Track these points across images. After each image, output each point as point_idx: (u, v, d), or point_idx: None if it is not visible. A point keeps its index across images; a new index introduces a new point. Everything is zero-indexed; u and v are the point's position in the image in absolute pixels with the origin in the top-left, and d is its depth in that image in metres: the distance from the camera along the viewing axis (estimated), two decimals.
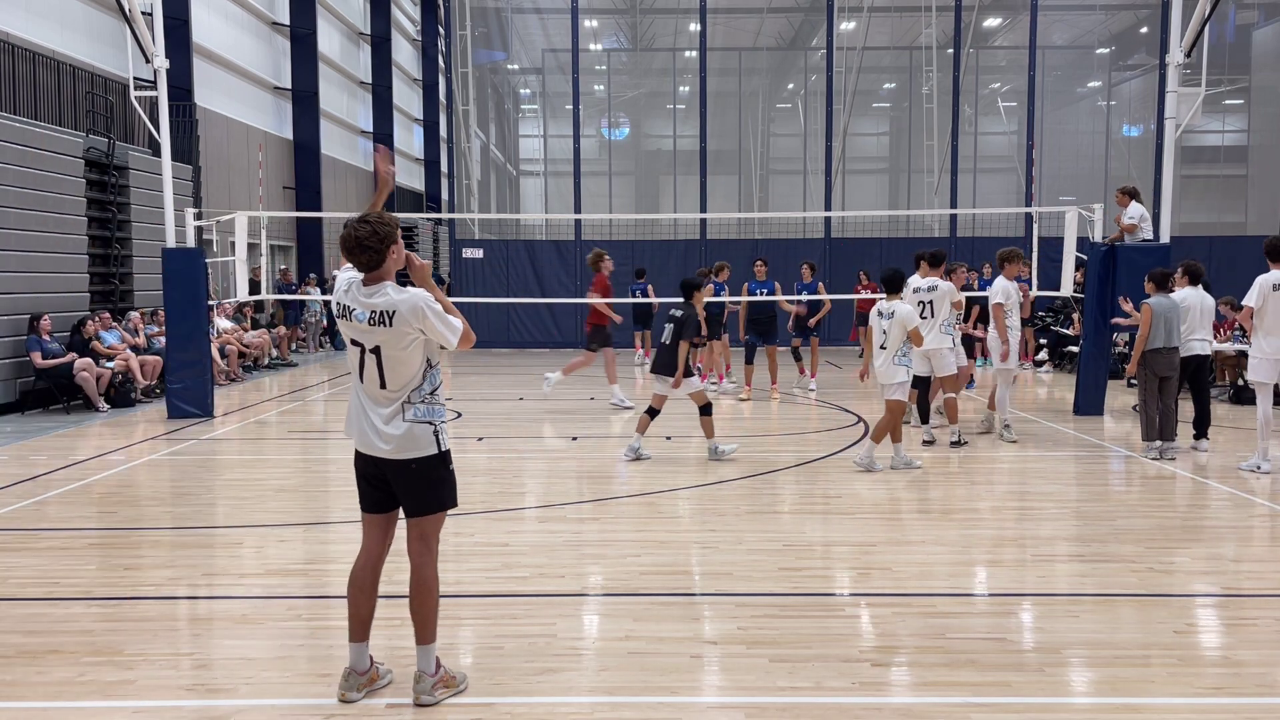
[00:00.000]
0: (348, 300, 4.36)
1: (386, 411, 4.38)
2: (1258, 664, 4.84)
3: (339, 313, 4.39)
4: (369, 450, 4.42)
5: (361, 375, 4.40)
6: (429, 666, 4.44)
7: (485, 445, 10.98)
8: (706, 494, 8.59)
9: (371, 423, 4.38)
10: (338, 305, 4.39)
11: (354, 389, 4.48)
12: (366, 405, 4.40)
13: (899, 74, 28.22)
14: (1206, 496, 8.49)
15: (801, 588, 6.01)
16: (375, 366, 4.34)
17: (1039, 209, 15.88)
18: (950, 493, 8.59)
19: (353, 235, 4.24)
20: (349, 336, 4.39)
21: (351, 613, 4.51)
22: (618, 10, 28.35)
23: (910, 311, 9.15)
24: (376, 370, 4.35)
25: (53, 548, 7.00)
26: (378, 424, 4.37)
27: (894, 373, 9.19)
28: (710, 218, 23.25)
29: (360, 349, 4.36)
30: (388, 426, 4.36)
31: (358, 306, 4.32)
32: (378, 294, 4.32)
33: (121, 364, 14.08)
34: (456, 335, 4.43)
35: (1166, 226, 12.51)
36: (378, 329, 4.30)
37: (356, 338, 4.36)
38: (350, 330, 4.36)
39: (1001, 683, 4.63)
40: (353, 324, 4.34)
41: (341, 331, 4.43)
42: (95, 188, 15.69)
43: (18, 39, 15.64)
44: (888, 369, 9.22)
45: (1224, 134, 27.39)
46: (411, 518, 4.54)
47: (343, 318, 4.38)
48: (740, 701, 4.44)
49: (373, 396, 4.39)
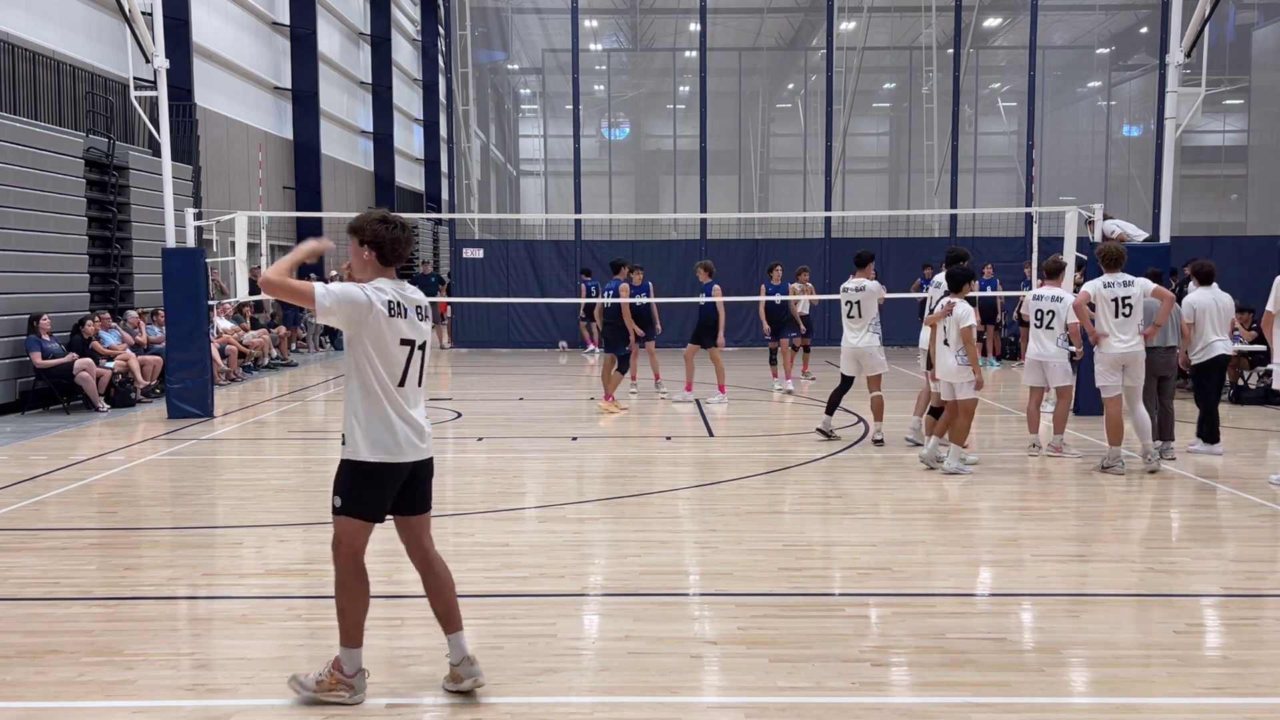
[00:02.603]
0: (397, 298, 4.30)
1: (423, 410, 4.42)
2: (1258, 664, 4.84)
3: (393, 312, 4.27)
4: (415, 456, 4.35)
5: (405, 377, 4.32)
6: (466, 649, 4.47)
7: (485, 445, 10.98)
8: (706, 494, 8.59)
9: (416, 426, 4.34)
10: (389, 304, 4.26)
11: (384, 399, 4.28)
12: (407, 409, 4.32)
13: (899, 74, 28.22)
14: (1206, 496, 8.48)
15: (801, 588, 6.01)
16: (419, 364, 4.37)
17: (1039, 209, 15.89)
18: (950, 493, 8.59)
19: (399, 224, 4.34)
20: (401, 337, 4.29)
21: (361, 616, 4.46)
22: (618, 10, 28.35)
23: (967, 310, 9.05)
24: (419, 368, 4.38)
25: (53, 548, 7.00)
26: (421, 425, 4.37)
27: (961, 372, 9.07)
28: (710, 218, 23.25)
29: (410, 347, 4.32)
30: (426, 425, 4.40)
31: (404, 302, 4.32)
32: (407, 290, 4.38)
33: (121, 364, 14.08)
34: None
35: (1166, 226, 12.51)
36: (425, 323, 4.40)
37: (410, 336, 4.32)
38: (406, 329, 4.31)
39: (1001, 683, 4.63)
40: (409, 321, 4.32)
41: (393, 333, 4.27)
42: (95, 188, 15.69)
43: (18, 39, 15.64)
44: (955, 369, 9.09)
45: (1224, 134, 27.40)
46: (427, 511, 4.56)
47: (398, 316, 4.29)
48: (740, 701, 4.44)
49: (412, 398, 4.36)
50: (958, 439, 9.15)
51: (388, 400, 4.28)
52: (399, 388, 4.31)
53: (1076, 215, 12.94)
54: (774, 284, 14.85)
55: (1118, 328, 9.11)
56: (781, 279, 14.92)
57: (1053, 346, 9.82)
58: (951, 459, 9.15)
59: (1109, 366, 9.15)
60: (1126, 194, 25.53)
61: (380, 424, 4.28)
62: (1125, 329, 9.11)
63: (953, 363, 9.08)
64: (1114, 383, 9.17)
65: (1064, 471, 9.39)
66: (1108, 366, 9.15)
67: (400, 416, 4.30)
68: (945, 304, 9.21)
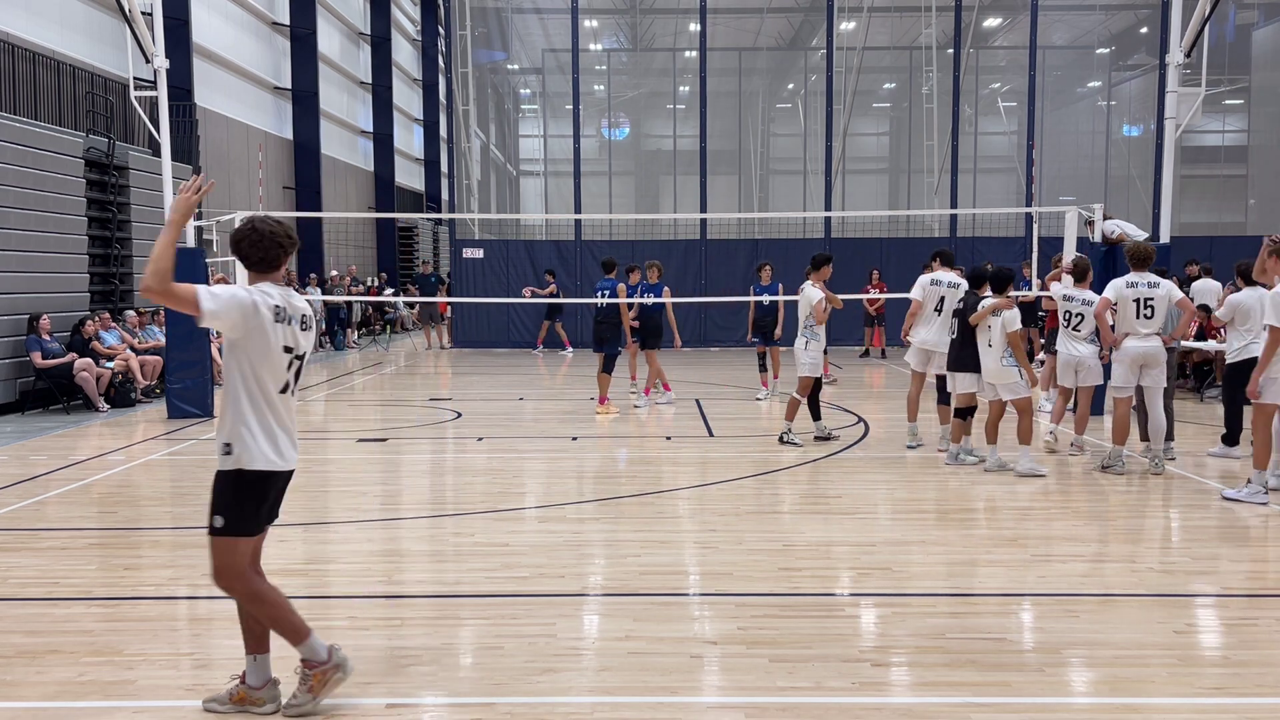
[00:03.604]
0: (283, 304, 4.18)
1: (295, 420, 4.31)
2: (1258, 664, 4.84)
3: (279, 317, 4.14)
4: (290, 464, 4.25)
5: (286, 386, 4.22)
6: (270, 672, 4.36)
7: (485, 445, 10.98)
8: (706, 494, 8.59)
9: (292, 436, 4.27)
10: (275, 309, 4.13)
11: (267, 407, 4.15)
12: (285, 418, 4.23)
13: (899, 74, 28.22)
14: (1207, 497, 8.48)
15: (801, 588, 6.01)
16: (296, 375, 4.26)
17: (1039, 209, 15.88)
18: (950, 493, 8.59)
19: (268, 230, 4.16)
20: (285, 344, 4.16)
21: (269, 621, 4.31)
22: (618, 10, 28.35)
23: (1015, 314, 9.02)
24: (295, 379, 4.26)
25: (53, 548, 7.00)
26: (292, 434, 4.28)
27: (1006, 373, 9.04)
28: (710, 218, 23.24)
29: (290, 355, 4.20)
30: (296, 435, 4.30)
31: (290, 309, 4.18)
32: (295, 298, 4.27)
33: (121, 364, 14.08)
34: None
35: (1166, 226, 12.51)
36: (308, 334, 4.29)
37: (292, 344, 4.20)
38: (289, 337, 4.18)
39: (1001, 683, 4.63)
40: (292, 329, 4.19)
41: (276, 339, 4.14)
42: (95, 188, 15.69)
43: (18, 39, 15.64)
44: (998, 369, 9.07)
45: (1224, 134, 27.40)
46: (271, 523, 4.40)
47: (283, 323, 4.15)
48: (740, 701, 4.44)
49: (288, 407, 4.25)
50: (1025, 439, 9.09)
51: (269, 407, 4.16)
52: (280, 395, 4.19)
53: (1076, 215, 12.93)
54: (762, 285, 14.12)
55: (1139, 328, 9.03)
56: (771, 279, 14.15)
57: (1085, 347, 9.74)
58: (1024, 460, 9.10)
59: (1128, 367, 9.07)
60: (1126, 194, 25.53)
61: (261, 432, 4.14)
62: (1146, 329, 9.02)
63: (996, 363, 9.06)
64: (1130, 383, 9.13)
65: (1065, 471, 9.39)
66: (1126, 367, 9.08)
67: (279, 425, 4.19)
68: (989, 304, 9.10)
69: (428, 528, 7.69)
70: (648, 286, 13.48)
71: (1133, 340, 9.04)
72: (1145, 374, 9.09)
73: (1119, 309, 9.08)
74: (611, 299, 13.00)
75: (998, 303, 9.02)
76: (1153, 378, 9.10)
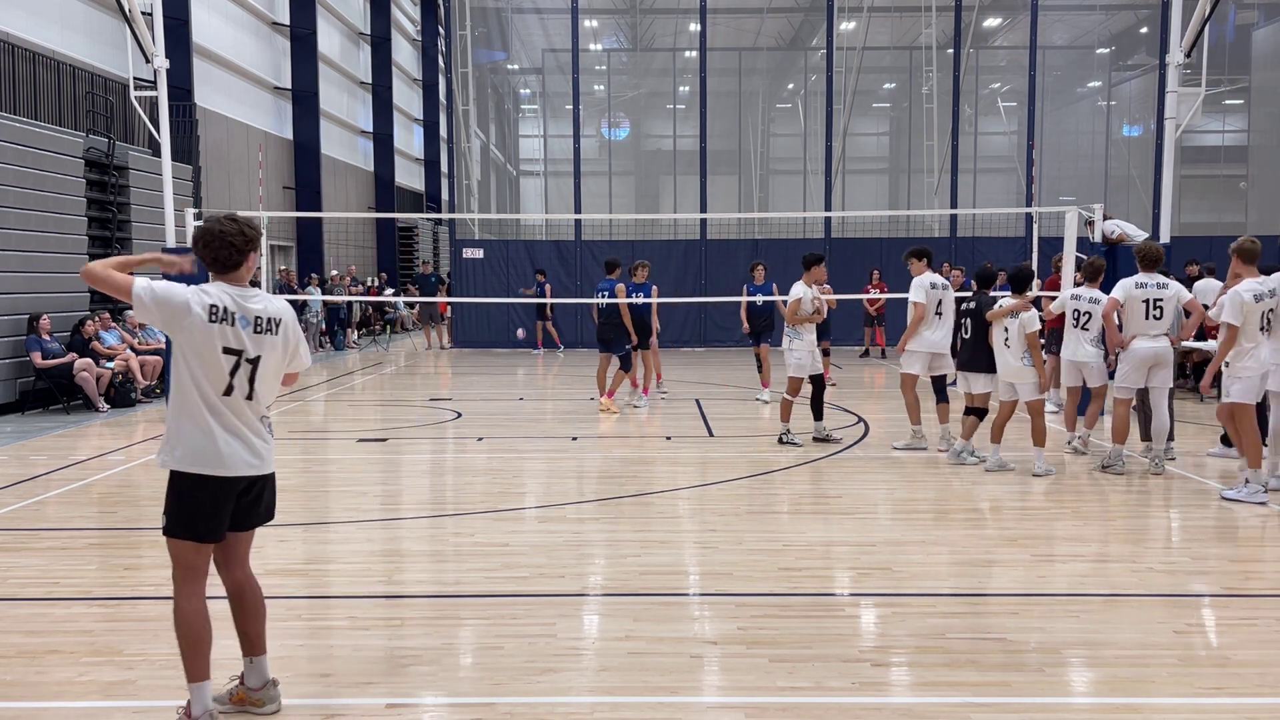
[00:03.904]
0: (228, 304, 4.06)
1: (254, 425, 4.14)
2: (1258, 664, 4.84)
3: (215, 317, 4.02)
4: (237, 471, 4.07)
5: (231, 389, 4.06)
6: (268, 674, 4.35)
7: (485, 445, 10.98)
8: (706, 494, 8.59)
9: (245, 440, 4.09)
10: (212, 308, 4.02)
11: (204, 408, 4.02)
12: (235, 421, 4.07)
13: (899, 74, 28.23)
14: (1206, 497, 8.48)
15: (801, 588, 6.01)
16: (248, 378, 4.09)
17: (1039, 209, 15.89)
18: (950, 493, 8.59)
19: (217, 229, 4.09)
20: (225, 345, 4.03)
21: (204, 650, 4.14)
22: (618, 10, 28.36)
23: (1033, 315, 9.02)
24: (248, 382, 4.09)
25: (53, 548, 7.00)
26: (248, 439, 4.10)
27: (1026, 373, 9.04)
28: (710, 218, 23.25)
29: (235, 358, 4.05)
30: (257, 440, 4.14)
31: (239, 311, 4.08)
32: (255, 300, 4.14)
33: (121, 364, 14.09)
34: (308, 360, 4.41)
35: (1166, 226, 12.52)
36: (264, 336, 4.12)
37: (236, 345, 4.05)
38: (231, 338, 4.04)
39: (1001, 683, 4.63)
40: (235, 330, 4.05)
41: (210, 339, 4.01)
42: (95, 188, 15.69)
43: (18, 39, 15.64)
44: (1019, 369, 9.05)
45: (1224, 134, 27.40)
46: (257, 527, 4.33)
47: (223, 323, 4.03)
48: (740, 701, 4.44)
49: (237, 411, 4.08)
50: (1040, 440, 9.10)
51: (209, 410, 4.03)
52: (224, 397, 4.05)
53: (1076, 215, 12.93)
54: (756, 284, 13.92)
55: (1148, 329, 8.96)
56: (765, 279, 13.94)
57: (1090, 348, 9.67)
58: (1039, 462, 9.10)
59: (1134, 367, 9.00)
60: (1126, 194, 25.54)
61: (198, 433, 4.02)
62: (1154, 330, 8.95)
63: (1015, 363, 9.05)
64: (1136, 384, 9.08)
65: (1065, 471, 9.39)
66: (1133, 367, 9.01)
67: (225, 428, 4.04)
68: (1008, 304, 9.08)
69: (428, 528, 7.69)
70: (634, 286, 13.40)
71: (1142, 341, 8.98)
72: (1153, 374, 9.06)
73: (1127, 309, 9.02)
74: (611, 299, 12.98)
75: (1016, 304, 9.03)
76: (1160, 378, 9.08)
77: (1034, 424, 9.13)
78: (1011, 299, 9.13)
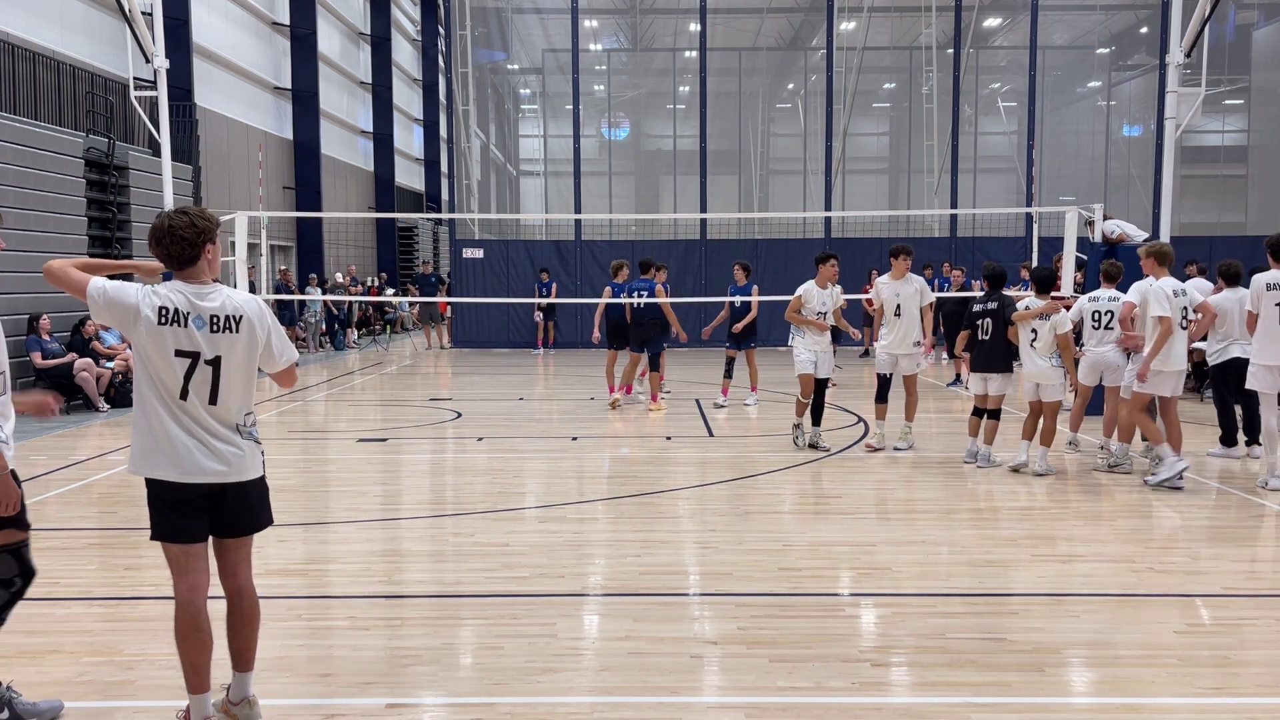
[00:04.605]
0: (178, 305, 3.86)
1: (219, 431, 3.93)
2: (1258, 664, 4.84)
3: (164, 319, 3.84)
4: (195, 477, 3.89)
5: (186, 391, 3.88)
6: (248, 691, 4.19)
7: (485, 445, 10.98)
8: (707, 494, 8.59)
9: (207, 445, 3.90)
10: (161, 309, 3.84)
11: (163, 411, 3.88)
12: (196, 426, 3.89)
13: (899, 74, 28.24)
14: (1206, 497, 8.48)
15: (801, 588, 6.01)
16: (209, 381, 3.90)
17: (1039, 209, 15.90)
18: (950, 493, 8.59)
19: (166, 224, 3.90)
20: (177, 348, 3.84)
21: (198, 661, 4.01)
22: (618, 10, 28.36)
23: (1065, 317, 9.03)
24: (210, 386, 3.90)
25: (53, 548, 7.00)
26: (210, 444, 3.91)
27: (1054, 374, 9.03)
28: (710, 218, 23.26)
29: (191, 360, 3.86)
30: (224, 446, 3.93)
31: (192, 311, 3.87)
32: (211, 296, 3.92)
33: (122, 364, 14.09)
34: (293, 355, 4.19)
35: (1166, 226, 12.52)
36: (221, 336, 3.90)
37: (189, 347, 3.86)
38: (184, 340, 3.85)
39: (1001, 683, 4.63)
40: (188, 331, 3.85)
41: (160, 341, 3.84)
42: (95, 188, 15.70)
43: (18, 39, 15.65)
44: (1043, 370, 9.05)
45: (1224, 134, 27.40)
46: (243, 536, 4.14)
47: (173, 325, 3.84)
48: (740, 701, 4.44)
49: (195, 416, 3.89)
50: (1048, 440, 9.11)
51: (167, 413, 3.88)
52: (180, 401, 3.88)
53: (1076, 215, 12.93)
54: (737, 285, 13.52)
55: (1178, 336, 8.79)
56: (746, 280, 13.51)
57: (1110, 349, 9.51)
58: (1041, 460, 9.10)
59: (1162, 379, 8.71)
60: (1126, 194, 25.54)
61: (157, 437, 3.88)
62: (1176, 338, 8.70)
63: (1044, 364, 9.05)
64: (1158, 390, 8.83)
65: (1064, 471, 9.39)
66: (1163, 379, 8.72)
67: (185, 431, 3.88)
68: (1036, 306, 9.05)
69: (428, 528, 7.69)
70: (619, 286, 13.36)
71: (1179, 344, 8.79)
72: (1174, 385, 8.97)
73: (1140, 314, 8.98)
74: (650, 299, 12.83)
75: (1044, 307, 9.04)
76: (1176, 389, 9.01)
77: (1045, 424, 9.13)
78: (1036, 299, 9.14)
